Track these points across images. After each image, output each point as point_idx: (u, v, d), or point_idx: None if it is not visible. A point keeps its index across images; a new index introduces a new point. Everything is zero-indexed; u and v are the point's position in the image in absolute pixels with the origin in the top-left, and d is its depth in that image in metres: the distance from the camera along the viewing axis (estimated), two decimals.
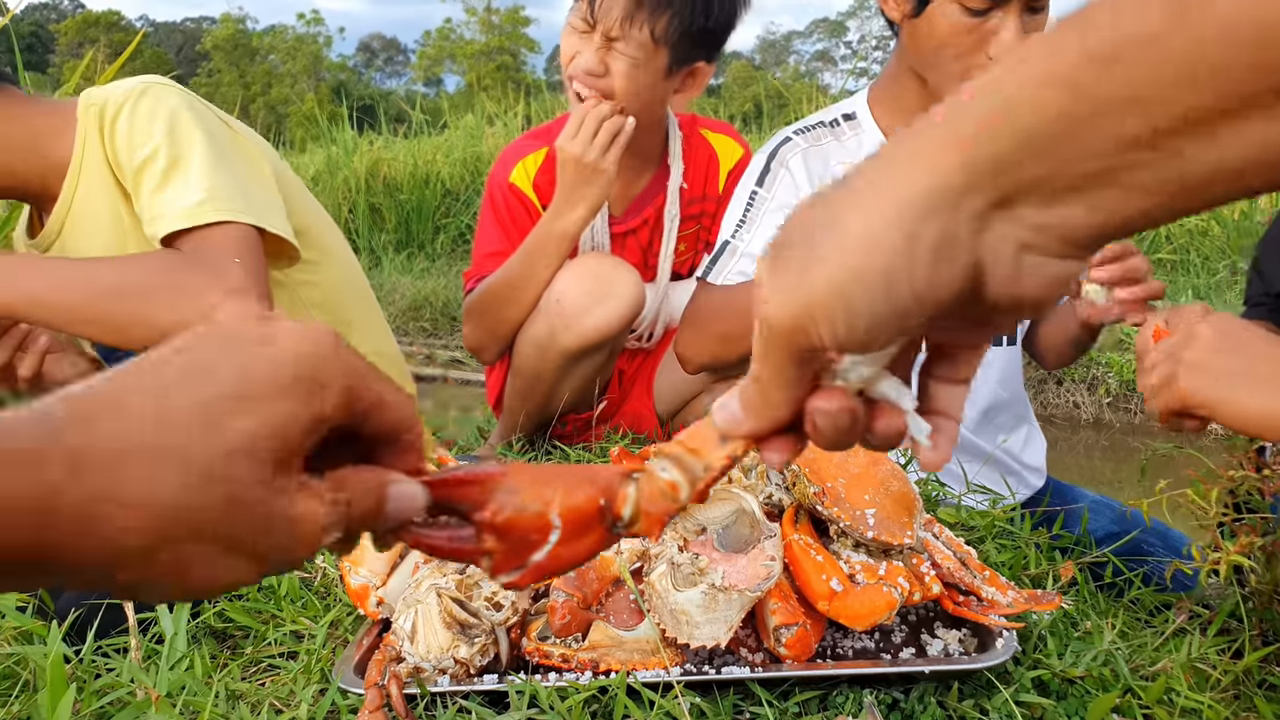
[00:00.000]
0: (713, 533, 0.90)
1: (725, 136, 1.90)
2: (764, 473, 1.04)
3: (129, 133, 1.25)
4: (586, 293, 1.57)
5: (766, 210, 1.49)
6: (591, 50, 1.60)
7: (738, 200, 1.54)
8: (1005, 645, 0.86)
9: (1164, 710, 0.83)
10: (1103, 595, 1.12)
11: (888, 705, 0.83)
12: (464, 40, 59.34)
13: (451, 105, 8.44)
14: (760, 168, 1.53)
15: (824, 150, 1.52)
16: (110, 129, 1.27)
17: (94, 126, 1.30)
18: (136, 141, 1.25)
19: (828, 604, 0.84)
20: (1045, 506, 1.37)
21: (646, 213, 1.83)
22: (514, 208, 1.78)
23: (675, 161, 1.83)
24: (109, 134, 1.27)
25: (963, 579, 0.91)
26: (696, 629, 0.81)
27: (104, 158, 1.29)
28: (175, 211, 1.20)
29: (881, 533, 0.89)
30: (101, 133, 1.28)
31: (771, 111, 7.51)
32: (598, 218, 1.80)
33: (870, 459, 0.96)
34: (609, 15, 1.57)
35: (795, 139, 1.53)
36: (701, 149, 1.87)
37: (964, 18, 1.34)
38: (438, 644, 0.84)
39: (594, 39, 1.60)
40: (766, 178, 1.52)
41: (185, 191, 1.21)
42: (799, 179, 1.49)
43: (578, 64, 1.62)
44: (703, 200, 1.87)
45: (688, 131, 1.87)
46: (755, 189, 1.52)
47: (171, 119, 1.27)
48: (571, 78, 1.65)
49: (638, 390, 1.87)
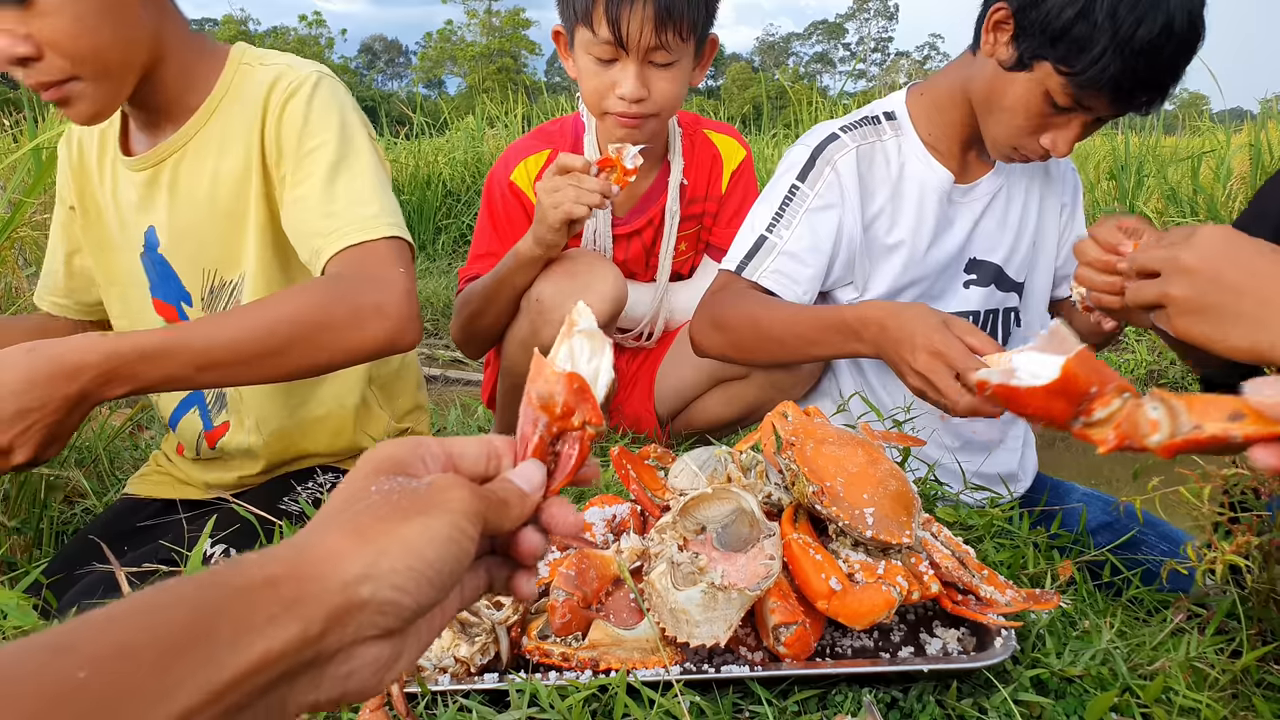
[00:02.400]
0: (712, 532, 0.90)
1: (728, 137, 1.90)
2: (763, 472, 1.04)
3: (304, 119, 1.25)
4: (563, 290, 1.55)
5: (808, 208, 1.46)
6: (630, 77, 1.57)
7: (774, 192, 1.50)
8: (1004, 644, 0.87)
9: (1162, 709, 0.83)
10: (1101, 594, 1.13)
11: (887, 704, 0.83)
12: (465, 42, 59.34)
13: (452, 107, 8.44)
14: (803, 162, 1.48)
15: (871, 150, 1.50)
16: (281, 107, 1.26)
17: (252, 90, 1.29)
18: (310, 130, 1.25)
19: (827, 603, 0.85)
20: (1041, 506, 1.37)
21: (651, 213, 1.83)
22: (511, 208, 1.78)
23: (675, 158, 1.83)
24: (277, 110, 1.26)
25: (961, 578, 0.91)
26: (696, 628, 0.81)
27: (255, 124, 1.28)
28: (352, 222, 1.20)
29: (880, 532, 0.89)
30: (266, 105, 1.27)
31: (771, 113, 7.51)
32: (600, 218, 1.80)
33: (869, 458, 0.96)
34: (640, 33, 1.53)
35: (843, 137, 1.49)
36: (705, 149, 1.87)
37: (1043, 104, 1.31)
38: (438, 642, 0.84)
39: (628, 65, 1.57)
40: (810, 174, 1.47)
41: (358, 201, 1.22)
42: (847, 182, 1.46)
43: (623, 93, 1.58)
44: (705, 200, 1.87)
45: (690, 131, 1.87)
46: (797, 183, 1.47)
47: (343, 118, 1.28)
48: (607, 112, 1.62)
49: (638, 391, 1.87)
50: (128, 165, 1.34)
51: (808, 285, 1.46)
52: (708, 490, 0.93)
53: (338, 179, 1.23)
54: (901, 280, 1.52)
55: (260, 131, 1.27)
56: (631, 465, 1.08)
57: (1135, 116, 6.57)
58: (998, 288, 1.58)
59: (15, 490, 1.61)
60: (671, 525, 0.91)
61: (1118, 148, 5.67)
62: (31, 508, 1.62)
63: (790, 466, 0.96)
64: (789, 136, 6.36)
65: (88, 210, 1.41)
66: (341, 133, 1.26)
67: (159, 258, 1.37)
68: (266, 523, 1.18)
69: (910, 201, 1.51)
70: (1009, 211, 1.57)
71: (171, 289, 1.38)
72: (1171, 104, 6.00)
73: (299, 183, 1.24)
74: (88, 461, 1.82)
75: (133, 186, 1.35)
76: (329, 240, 1.19)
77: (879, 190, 1.50)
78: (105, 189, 1.39)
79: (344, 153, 1.25)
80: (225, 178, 1.30)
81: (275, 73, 1.29)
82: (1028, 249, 1.60)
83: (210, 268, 1.35)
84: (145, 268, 1.39)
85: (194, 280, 1.36)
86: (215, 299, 1.36)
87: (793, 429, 1.01)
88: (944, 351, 1.14)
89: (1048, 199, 1.61)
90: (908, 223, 1.51)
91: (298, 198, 1.24)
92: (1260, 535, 0.90)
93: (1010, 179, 1.57)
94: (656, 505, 1.04)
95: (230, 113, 1.30)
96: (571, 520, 0.56)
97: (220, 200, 1.31)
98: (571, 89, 9.06)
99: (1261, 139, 5.07)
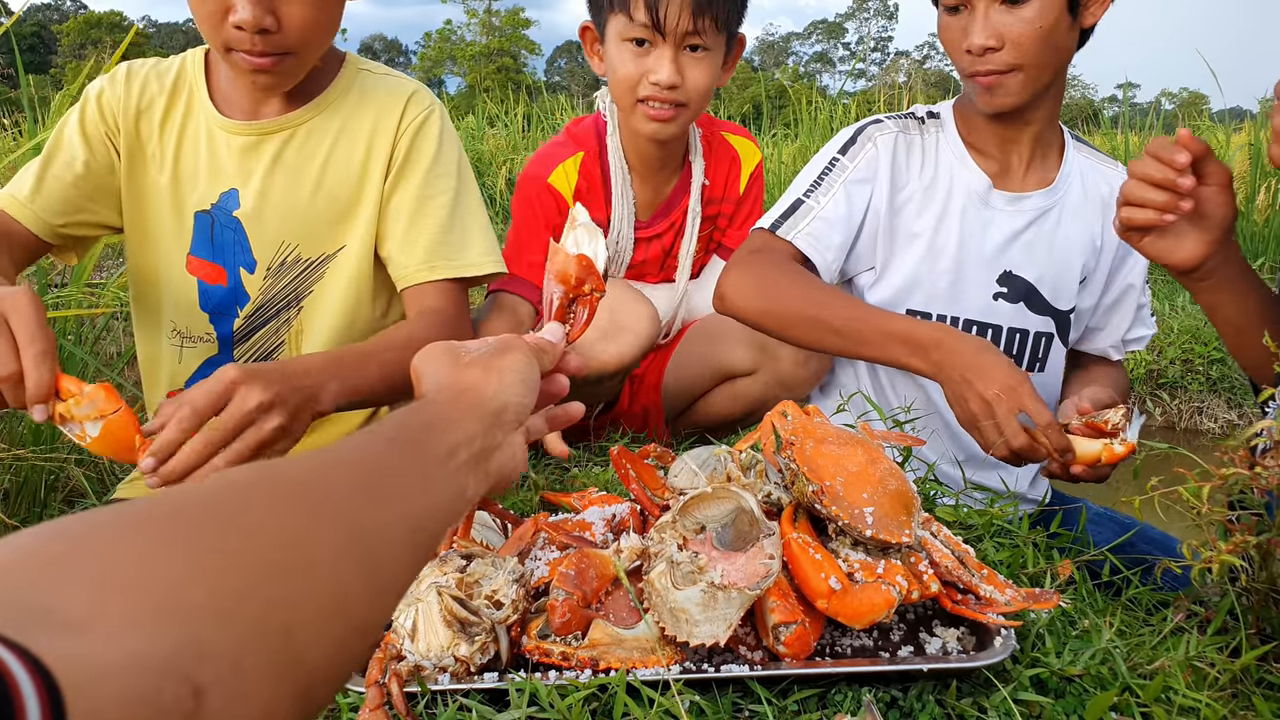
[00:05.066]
0: (712, 531, 0.90)
1: (745, 139, 1.92)
2: (763, 471, 1.04)
3: (438, 148, 1.43)
4: (599, 329, 1.55)
5: (845, 179, 1.51)
6: (665, 62, 1.58)
7: (815, 164, 1.56)
8: (1003, 643, 0.87)
9: (1162, 708, 0.83)
10: (1101, 594, 1.13)
11: (886, 703, 0.83)
12: (465, 42, 59.34)
13: (452, 106, 8.44)
14: (846, 138, 1.56)
15: (910, 139, 1.55)
16: (418, 129, 1.42)
17: (382, 95, 1.42)
18: (442, 159, 1.43)
19: (826, 602, 0.85)
20: (1050, 516, 1.37)
21: (674, 215, 1.84)
22: (549, 210, 1.75)
23: (696, 159, 1.83)
24: (415, 131, 1.42)
25: (961, 577, 0.91)
26: (696, 627, 0.81)
27: (389, 127, 1.41)
28: (472, 256, 1.43)
29: (880, 531, 0.89)
30: (403, 114, 1.41)
31: (771, 112, 7.51)
32: (624, 222, 1.80)
33: (868, 457, 0.96)
34: (678, 17, 1.55)
35: (887, 122, 1.57)
36: (724, 151, 1.88)
37: (947, 14, 1.40)
38: (438, 642, 0.84)
39: (664, 50, 1.58)
40: (851, 148, 1.54)
41: (473, 235, 1.44)
42: (883, 158, 1.52)
43: (658, 78, 1.59)
44: (721, 201, 1.88)
45: (708, 133, 1.88)
46: (838, 156, 1.54)
47: (460, 152, 1.48)
48: (640, 101, 1.62)
49: (647, 386, 1.87)
50: (229, 129, 1.39)
51: (836, 254, 1.50)
52: (707, 489, 0.93)
53: (457, 217, 1.42)
54: (919, 271, 1.52)
55: (394, 135, 1.41)
56: (631, 464, 1.08)
57: (1136, 117, 6.53)
58: (1029, 307, 1.57)
59: (15, 489, 1.61)
60: (671, 524, 0.91)
61: (1117, 147, 5.67)
62: (31, 506, 1.62)
63: (790, 466, 0.96)
64: (789, 136, 6.36)
65: (134, 159, 1.42)
66: (459, 168, 1.46)
67: (232, 220, 1.40)
68: None
69: (939, 194, 1.53)
70: (1057, 233, 1.56)
71: (230, 252, 1.42)
72: (1171, 103, 5.96)
73: (418, 202, 1.41)
74: (87, 460, 1.82)
75: (228, 149, 1.39)
76: (439, 258, 1.40)
77: (912, 177, 1.54)
78: (168, 140, 1.41)
79: (461, 189, 1.44)
80: (338, 165, 1.41)
81: (410, 86, 1.46)
82: (1069, 275, 1.57)
83: (291, 242, 1.42)
84: (196, 223, 1.41)
85: (267, 250, 1.42)
86: (284, 271, 1.43)
87: (792, 428, 1.00)
88: (1019, 392, 1.20)
89: (1109, 223, 1.61)
90: (933, 215, 1.52)
91: (414, 212, 1.40)
92: (1259, 535, 0.90)
93: (1065, 200, 1.56)
94: (656, 504, 1.04)
95: (353, 109, 1.42)
96: (575, 364, 0.90)
97: (326, 184, 1.41)
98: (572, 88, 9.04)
99: (1261, 138, 5.08)
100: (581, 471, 1.44)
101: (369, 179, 1.41)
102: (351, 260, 1.43)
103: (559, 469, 1.49)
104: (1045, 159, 1.56)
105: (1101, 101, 34.25)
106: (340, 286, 1.44)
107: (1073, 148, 1.59)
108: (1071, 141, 1.60)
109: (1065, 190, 1.56)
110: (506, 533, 1.07)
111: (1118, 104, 7.43)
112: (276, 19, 1.21)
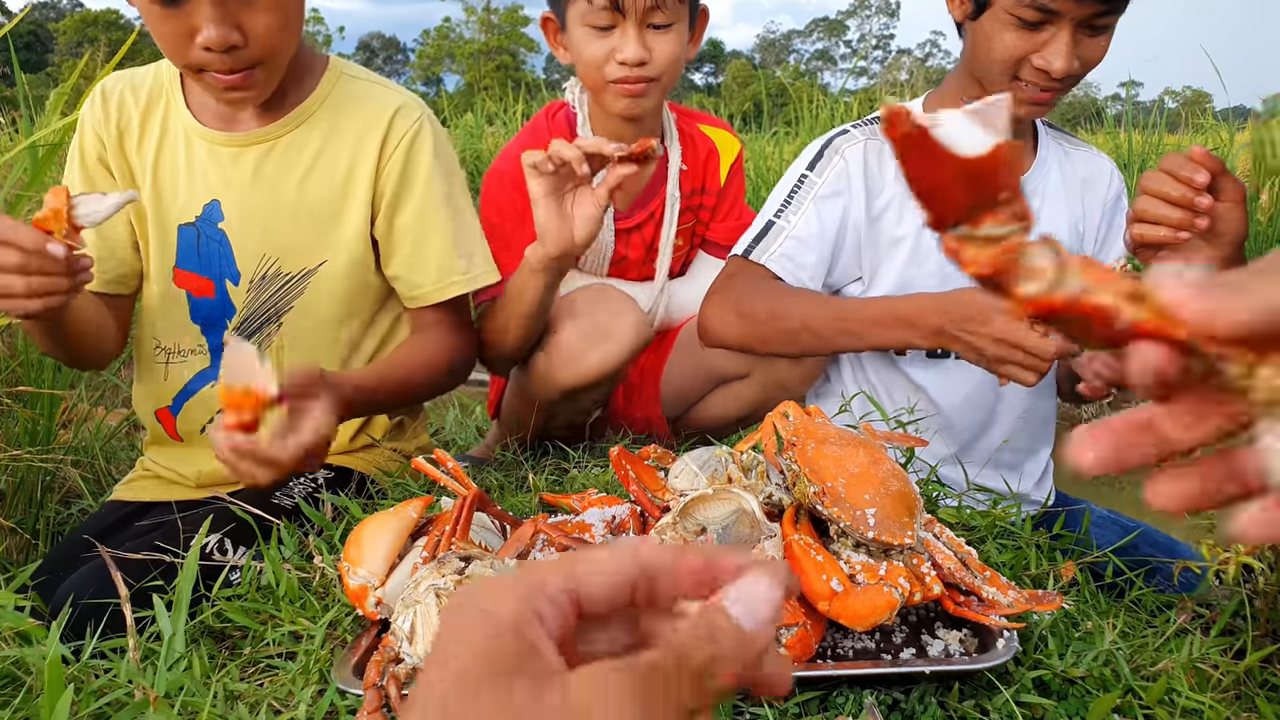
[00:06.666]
0: (712, 533, 0.90)
1: (723, 131, 1.90)
2: (764, 472, 1.03)
3: (433, 161, 1.41)
4: (584, 335, 1.54)
5: (815, 195, 1.51)
6: (630, 40, 1.58)
7: (785, 182, 1.55)
8: (1006, 645, 0.86)
9: (1165, 710, 0.83)
10: (1103, 595, 1.12)
11: (888, 706, 0.83)
12: (463, 40, 59.31)
13: (451, 105, 8.43)
14: (814, 154, 1.55)
15: (881, 145, 1.54)
16: (410, 145, 1.39)
17: (368, 108, 1.40)
18: (438, 173, 1.41)
19: (828, 604, 0.84)
20: (1046, 507, 1.36)
21: (653, 205, 1.82)
22: (518, 204, 1.74)
23: (673, 144, 1.82)
24: (407, 149, 1.39)
25: (963, 579, 0.90)
26: None
27: (373, 143, 1.38)
28: (479, 266, 1.46)
29: (882, 533, 0.88)
30: (388, 130, 1.39)
31: (772, 110, 7.50)
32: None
33: (870, 458, 0.95)
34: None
35: (853, 131, 1.56)
36: (702, 143, 1.87)
37: (1016, 31, 1.35)
38: None
39: (627, 29, 1.58)
40: (819, 163, 1.53)
41: (476, 244, 1.46)
42: (854, 169, 1.51)
43: (625, 56, 1.59)
44: (702, 193, 1.86)
45: (685, 126, 1.86)
46: (805, 173, 1.53)
47: (453, 159, 1.47)
48: (609, 82, 1.62)
49: (644, 395, 1.86)
50: (208, 138, 1.38)
51: (812, 271, 1.49)
52: (708, 491, 0.93)
53: (454, 237, 1.42)
54: (907, 275, 1.51)
55: (379, 152, 1.39)
56: (631, 466, 1.08)
57: (1139, 116, 6.53)
58: None
59: (11, 490, 1.60)
60: (671, 526, 0.91)
61: (1120, 145, 5.66)
62: (28, 508, 1.62)
63: (791, 467, 0.96)
64: (789, 134, 6.34)
65: (124, 178, 1.42)
66: (452, 185, 1.44)
67: (217, 233, 1.39)
68: (260, 519, 1.17)
69: None
70: (1038, 219, 1.55)
71: (216, 264, 1.41)
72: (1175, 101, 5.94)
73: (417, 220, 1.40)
74: (84, 461, 1.82)
75: (207, 158, 1.38)
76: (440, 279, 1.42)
77: (888, 183, 1.52)
78: (146, 153, 1.40)
79: (456, 209, 1.43)
80: (319, 180, 1.39)
81: (396, 100, 1.41)
82: None
83: (273, 255, 1.40)
84: (181, 236, 1.40)
85: (249, 262, 1.40)
86: (265, 285, 1.41)
87: (794, 429, 1.00)
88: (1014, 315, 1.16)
89: (1090, 206, 1.60)
90: (914, 217, 1.51)
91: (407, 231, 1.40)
92: None
93: (1044, 186, 1.56)
94: (656, 506, 1.03)
95: (335, 121, 1.39)
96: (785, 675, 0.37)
97: (308, 197, 1.38)
98: None
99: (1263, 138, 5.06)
100: (581, 473, 1.43)
101: (352, 195, 1.39)
102: (333, 275, 1.41)
103: (558, 470, 1.49)
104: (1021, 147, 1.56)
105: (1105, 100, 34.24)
106: (321, 302, 1.42)
107: (1044, 132, 1.60)
108: (1041, 126, 1.60)
109: (1043, 176, 1.56)
110: (505, 534, 1.06)
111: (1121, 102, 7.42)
112: (243, 34, 1.20)
